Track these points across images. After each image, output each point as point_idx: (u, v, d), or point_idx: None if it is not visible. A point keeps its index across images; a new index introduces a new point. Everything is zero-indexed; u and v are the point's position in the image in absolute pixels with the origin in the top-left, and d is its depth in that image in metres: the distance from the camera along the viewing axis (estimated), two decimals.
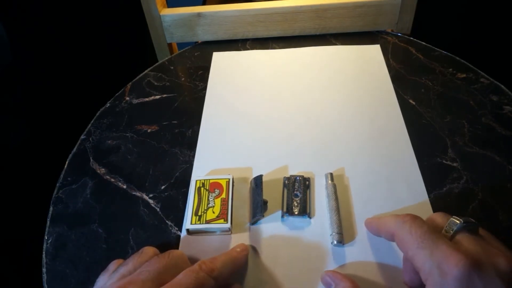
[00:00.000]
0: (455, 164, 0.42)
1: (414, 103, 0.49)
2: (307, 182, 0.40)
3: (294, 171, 0.42)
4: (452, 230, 0.27)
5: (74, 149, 0.48)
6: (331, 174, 0.41)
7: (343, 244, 0.36)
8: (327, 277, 0.32)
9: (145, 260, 0.30)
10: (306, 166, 0.43)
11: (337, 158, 0.43)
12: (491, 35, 0.79)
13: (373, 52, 0.57)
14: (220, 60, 0.58)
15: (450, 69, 0.54)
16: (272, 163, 0.43)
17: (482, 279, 0.23)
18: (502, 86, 0.51)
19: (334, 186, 0.40)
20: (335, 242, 0.35)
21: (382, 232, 0.32)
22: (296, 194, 0.39)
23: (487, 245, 0.25)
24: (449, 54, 0.56)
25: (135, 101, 0.53)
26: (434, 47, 0.57)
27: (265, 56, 0.58)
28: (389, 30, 0.61)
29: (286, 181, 0.40)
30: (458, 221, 0.27)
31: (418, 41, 0.59)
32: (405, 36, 0.60)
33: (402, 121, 0.47)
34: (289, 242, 0.37)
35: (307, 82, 0.53)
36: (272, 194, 0.40)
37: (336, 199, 0.39)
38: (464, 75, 0.53)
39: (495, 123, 0.46)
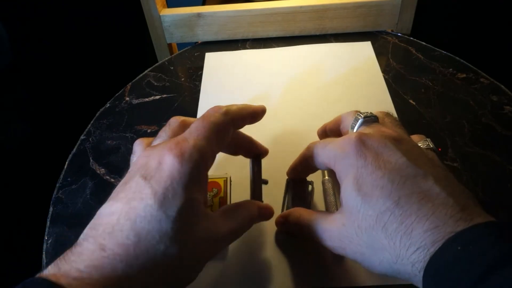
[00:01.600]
0: (455, 164, 0.42)
1: (414, 103, 0.49)
2: (310, 186, 0.39)
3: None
4: (355, 125, 0.32)
5: (74, 150, 0.48)
6: (328, 169, 0.40)
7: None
8: (280, 218, 0.36)
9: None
10: None
11: None
12: (491, 35, 0.79)
13: (364, 49, 0.57)
14: (212, 60, 0.58)
15: (450, 69, 0.54)
16: (268, 161, 0.43)
17: (372, 140, 0.28)
18: (502, 86, 0.51)
19: (331, 181, 0.39)
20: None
21: (301, 164, 0.36)
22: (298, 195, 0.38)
23: (381, 127, 0.31)
24: (449, 54, 0.56)
25: (135, 101, 0.53)
26: (434, 47, 0.57)
27: (258, 55, 0.58)
28: (389, 30, 0.61)
29: (289, 184, 0.40)
30: (360, 117, 0.32)
31: (418, 41, 0.59)
32: (405, 36, 0.60)
33: (395, 115, 0.47)
34: (288, 238, 0.37)
35: (300, 80, 0.53)
36: (270, 191, 0.40)
37: (334, 194, 0.38)
38: (464, 75, 0.53)
39: (495, 123, 0.46)
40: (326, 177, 0.40)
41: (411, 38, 0.59)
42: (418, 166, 0.27)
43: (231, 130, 0.31)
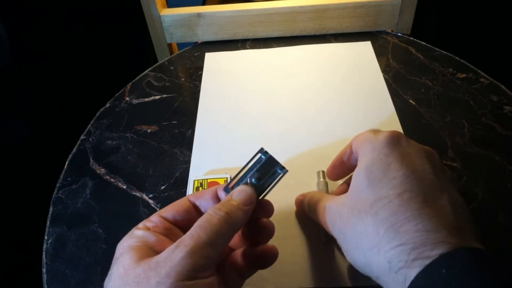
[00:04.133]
0: (455, 164, 0.42)
1: (414, 103, 0.49)
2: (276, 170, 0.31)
3: (290, 167, 0.41)
4: None
5: (74, 150, 0.48)
6: (323, 171, 0.40)
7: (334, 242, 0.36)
8: (300, 196, 0.38)
9: None
10: (302, 163, 0.43)
11: (334, 155, 0.43)
12: (491, 35, 0.79)
13: (364, 49, 0.57)
14: (212, 60, 0.58)
15: (450, 69, 0.54)
16: None
17: (408, 142, 0.29)
18: (502, 86, 0.51)
19: (326, 184, 0.39)
20: (323, 240, 0.35)
21: (338, 159, 0.36)
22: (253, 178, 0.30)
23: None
24: (449, 54, 0.56)
25: (135, 101, 0.53)
26: (434, 47, 0.57)
27: (258, 55, 0.58)
28: (389, 30, 0.61)
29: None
30: None
31: (418, 41, 0.59)
32: (405, 36, 0.60)
33: (395, 116, 0.47)
34: (287, 237, 0.37)
35: (300, 80, 0.54)
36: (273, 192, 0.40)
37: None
38: (464, 75, 0.53)
39: (495, 123, 0.46)
40: (321, 179, 0.39)
41: (411, 38, 0.59)
42: (439, 179, 0.26)
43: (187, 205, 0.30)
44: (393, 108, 0.48)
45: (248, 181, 0.30)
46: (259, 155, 0.31)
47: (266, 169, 0.30)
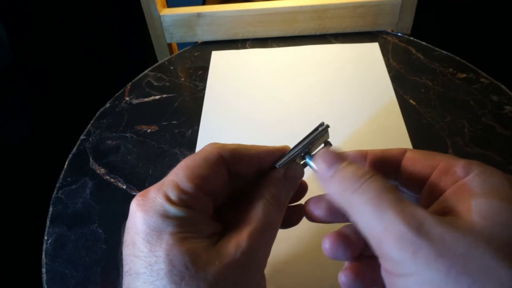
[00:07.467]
0: None
1: (414, 103, 0.49)
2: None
3: None
4: None
5: (74, 149, 0.48)
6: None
7: None
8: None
9: None
10: None
11: None
12: (491, 35, 0.79)
13: (372, 50, 0.57)
14: (219, 59, 0.58)
15: (450, 69, 0.54)
16: None
17: None
18: (502, 86, 0.51)
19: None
20: None
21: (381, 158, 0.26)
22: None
23: None
24: (449, 54, 0.56)
25: (135, 101, 0.53)
26: (434, 47, 0.57)
27: (264, 54, 0.58)
28: (389, 30, 0.61)
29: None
30: None
31: (418, 41, 0.59)
32: (405, 36, 0.60)
33: (401, 119, 0.47)
34: (284, 239, 0.37)
35: (306, 81, 0.53)
36: None
37: None
38: (464, 75, 0.53)
39: (495, 123, 0.46)
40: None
41: (411, 38, 0.59)
42: None
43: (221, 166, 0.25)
44: (399, 110, 0.48)
45: (302, 156, 0.28)
46: (319, 129, 0.29)
47: (318, 144, 0.29)
